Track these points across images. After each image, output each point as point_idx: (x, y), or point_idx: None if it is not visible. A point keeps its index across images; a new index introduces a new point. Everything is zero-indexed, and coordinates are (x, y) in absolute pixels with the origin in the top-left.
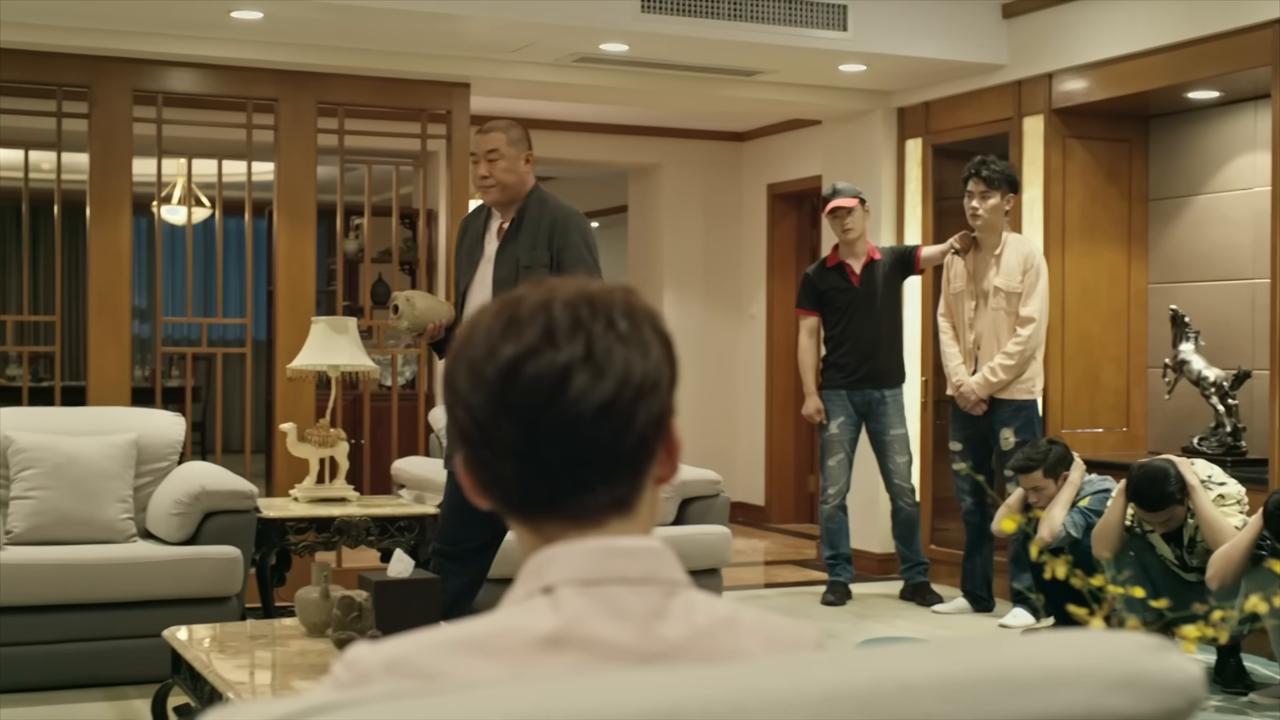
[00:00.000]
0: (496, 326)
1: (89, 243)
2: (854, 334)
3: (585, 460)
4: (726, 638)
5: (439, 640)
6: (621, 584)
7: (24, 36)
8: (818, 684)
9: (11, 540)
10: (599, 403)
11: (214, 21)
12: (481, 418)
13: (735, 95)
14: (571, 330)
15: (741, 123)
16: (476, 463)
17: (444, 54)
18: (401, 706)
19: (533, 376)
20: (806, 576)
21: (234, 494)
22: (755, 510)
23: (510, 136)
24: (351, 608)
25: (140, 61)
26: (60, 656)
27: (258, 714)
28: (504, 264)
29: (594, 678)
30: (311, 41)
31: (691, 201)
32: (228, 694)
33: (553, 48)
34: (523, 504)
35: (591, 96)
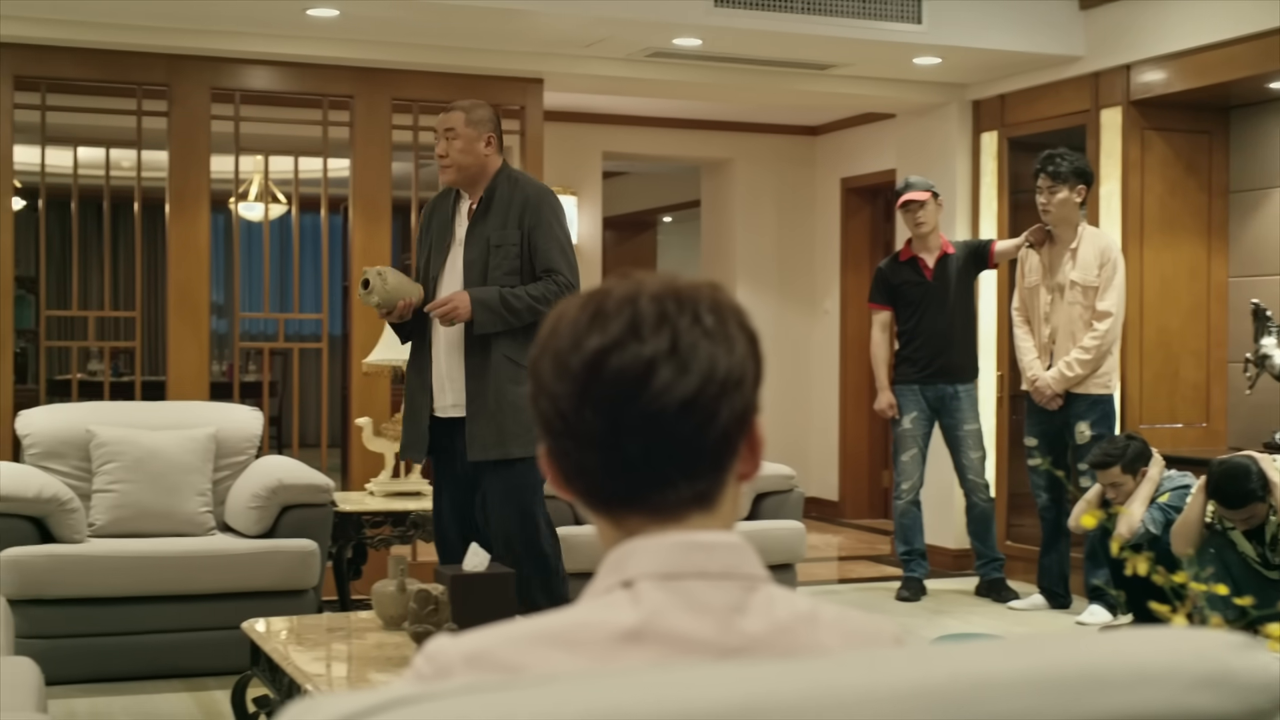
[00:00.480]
0: (582, 318)
1: (168, 239)
2: (926, 328)
3: (667, 454)
4: (806, 633)
5: (519, 633)
6: (701, 578)
7: (105, 36)
8: (897, 680)
9: (94, 532)
10: (682, 397)
11: (290, 19)
12: (565, 409)
13: (808, 89)
14: (657, 324)
15: (815, 116)
16: (559, 453)
17: (517, 49)
18: (482, 700)
19: (617, 369)
20: (881, 572)
21: (311, 488)
22: (829, 505)
23: (471, 116)
24: (428, 601)
25: (218, 60)
26: (141, 647)
27: (342, 706)
28: (474, 245)
29: (674, 672)
30: (386, 38)
31: (764, 196)
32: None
33: (626, 42)
34: (604, 497)
35: (664, 91)
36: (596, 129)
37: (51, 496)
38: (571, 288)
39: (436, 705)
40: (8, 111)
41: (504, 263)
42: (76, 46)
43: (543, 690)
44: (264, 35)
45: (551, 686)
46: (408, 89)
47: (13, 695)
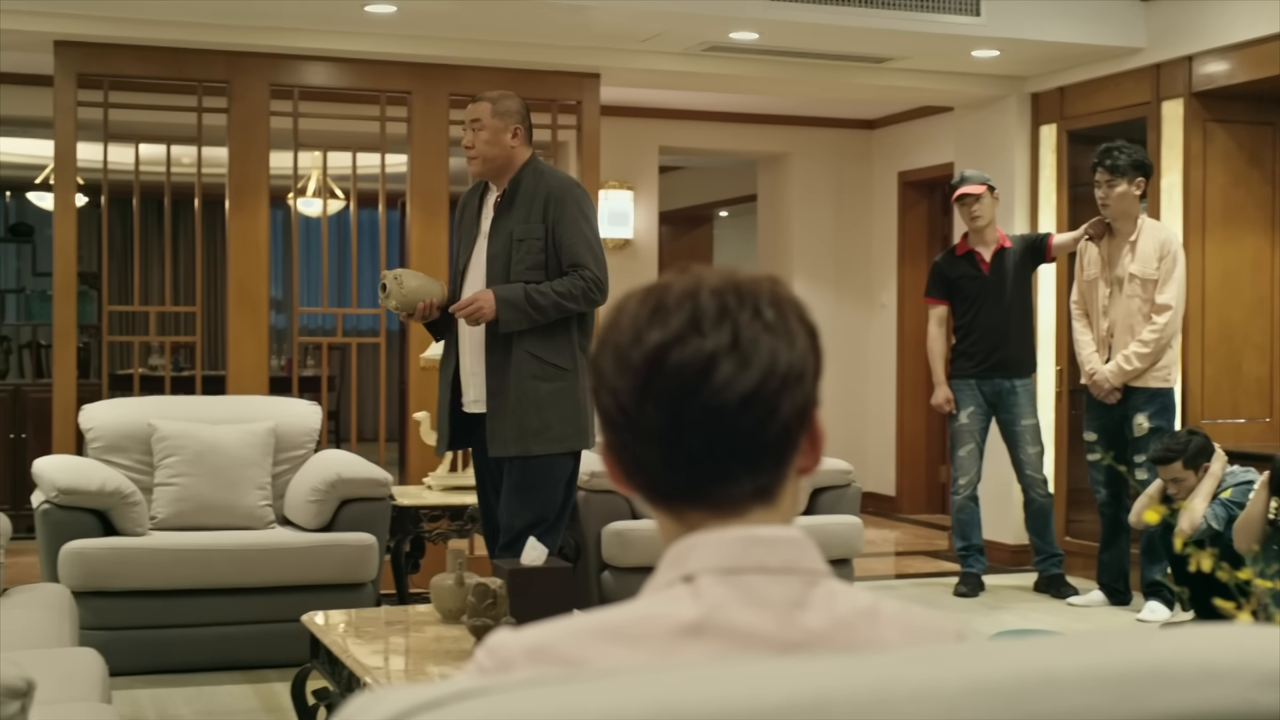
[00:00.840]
0: (643, 313)
1: (228, 235)
2: (983, 323)
3: (729, 449)
4: (867, 628)
5: (580, 628)
6: (762, 573)
7: (166, 34)
8: (962, 675)
9: (156, 525)
10: (744, 392)
11: (349, 16)
12: (626, 403)
13: (866, 82)
14: (718, 318)
15: (872, 110)
16: (620, 447)
17: (574, 45)
18: (545, 693)
19: (678, 364)
20: (938, 567)
21: (369, 482)
22: (886, 500)
23: (498, 107)
24: (486, 595)
25: (277, 56)
26: (202, 639)
27: (405, 699)
28: (497, 238)
29: (736, 666)
30: (443, 34)
31: (821, 190)
32: (365, 678)
33: (682, 37)
34: (665, 491)
35: (721, 85)
36: (653, 123)
37: (114, 490)
38: (598, 283)
39: (500, 699)
40: (71, 109)
41: (527, 257)
42: (138, 44)
43: (605, 684)
44: (322, 32)
45: (614, 680)
46: (465, 84)
47: (78, 686)
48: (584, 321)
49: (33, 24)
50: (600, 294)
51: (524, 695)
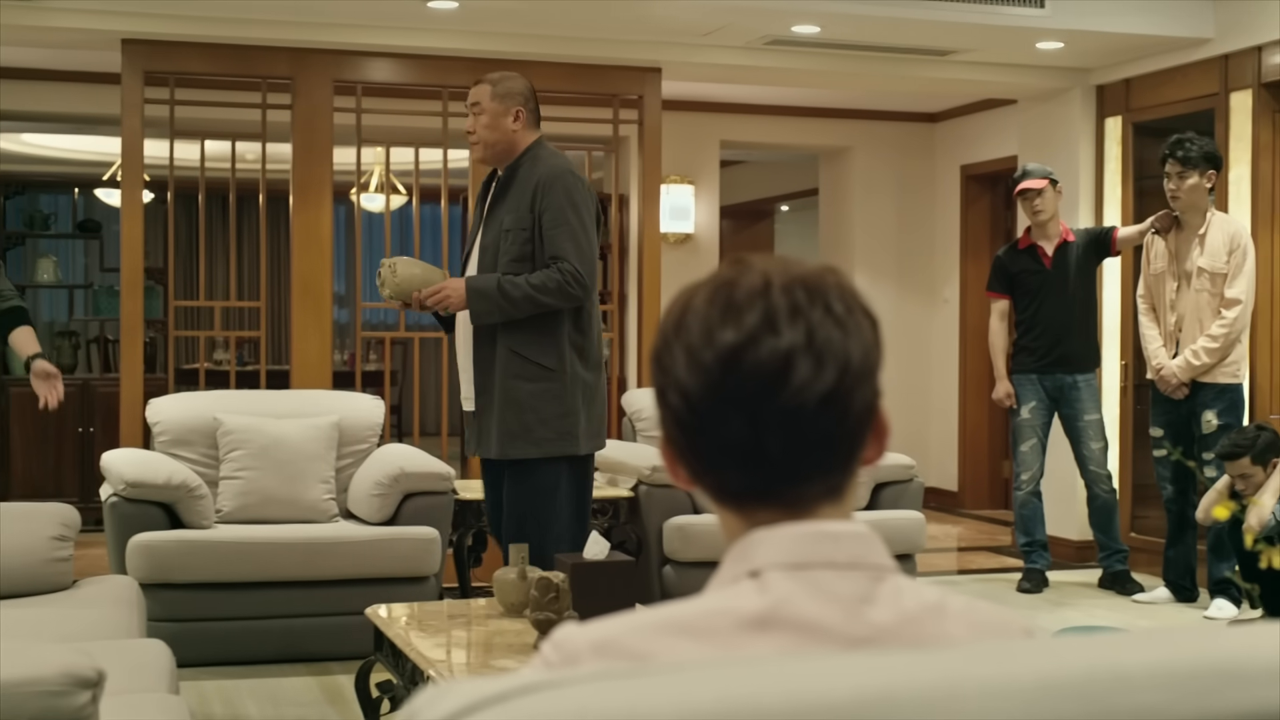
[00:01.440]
0: (713, 312)
1: (292, 230)
2: (1045, 317)
3: (807, 450)
4: (934, 624)
5: (646, 622)
6: (829, 568)
7: (231, 31)
8: (1031, 672)
9: (221, 519)
10: (822, 392)
11: (411, 12)
12: (699, 405)
13: (928, 75)
14: (791, 316)
15: (934, 103)
16: (687, 448)
17: (635, 39)
18: (612, 687)
19: (754, 365)
20: (1001, 563)
21: (432, 475)
22: (948, 495)
23: (498, 90)
24: (549, 589)
25: (340, 53)
26: (267, 631)
27: (473, 692)
28: (490, 228)
29: (804, 660)
30: (505, 29)
31: (883, 184)
32: (429, 671)
33: (744, 30)
34: (736, 491)
35: (782, 79)
36: (714, 117)
37: (180, 483)
38: (576, 277)
39: (567, 692)
40: (138, 106)
41: (513, 248)
42: (204, 42)
43: (672, 678)
44: (385, 28)
45: (681, 674)
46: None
47: (146, 677)
48: (578, 319)
49: (101, 23)
50: (579, 288)
51: (591, 689)
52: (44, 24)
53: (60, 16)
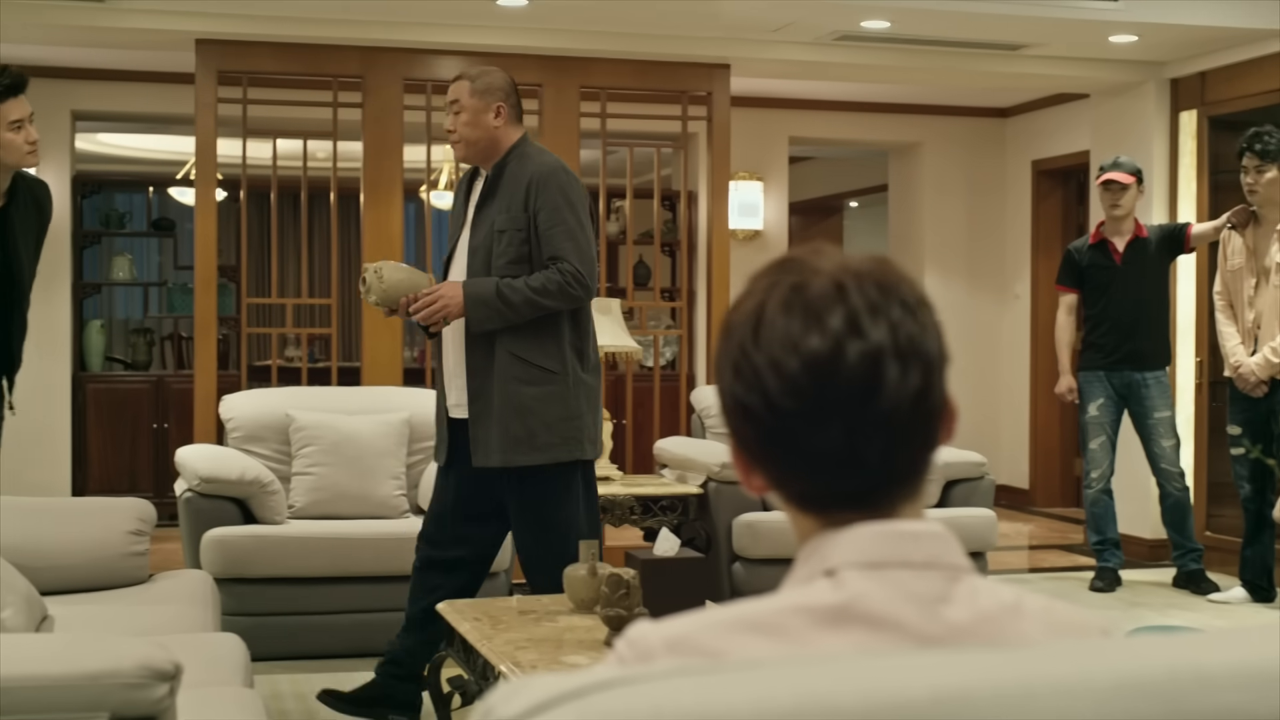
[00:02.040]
0: (794, 320)
1: (362, 228)
2: (1114, 313)
3: (899, 453)
4: (1010, 624)
5: (720, 619)
6: (905, 568)
7: (302, 31)
8: (1110, 671)
9: (294, 514)
10: (913, 393)
11: (480, 10)
12: (789, 415)
13: (999, 70)
14: (873, 316)
15: (1005, 98)
16: (769, 458)
17: (704, 35)
18: (687, 684)
19: (846, 371)
20: (1073, 562)
21: None
22: (1019, 493)
23: (477, 85)
24: (619, 585)
25: (410, 51)
26: (339, 626)
27: (547, 689)
28: (479, 229)
29: (879, 658)
30: (574, 27)
31: (953, 179)
32: (500, 667)
33: (813, 26)
34: (822, 495)
35: (851, 75)
36: (783, 114)
37: (253, 479)
38: (578, 277)
39: (642, 689)
40: (212, 106)
41: (508, 250)
42: (276, 41)
43: (748, 675)
44: (454, 26)
45: (757, 671)
46: (595, 77)
47: (222, 670)
48: (577, 320)
49: (175, 23)
50: (581, 289)
51: (666, 686)
52: (120, 25)
53: (135, 18)
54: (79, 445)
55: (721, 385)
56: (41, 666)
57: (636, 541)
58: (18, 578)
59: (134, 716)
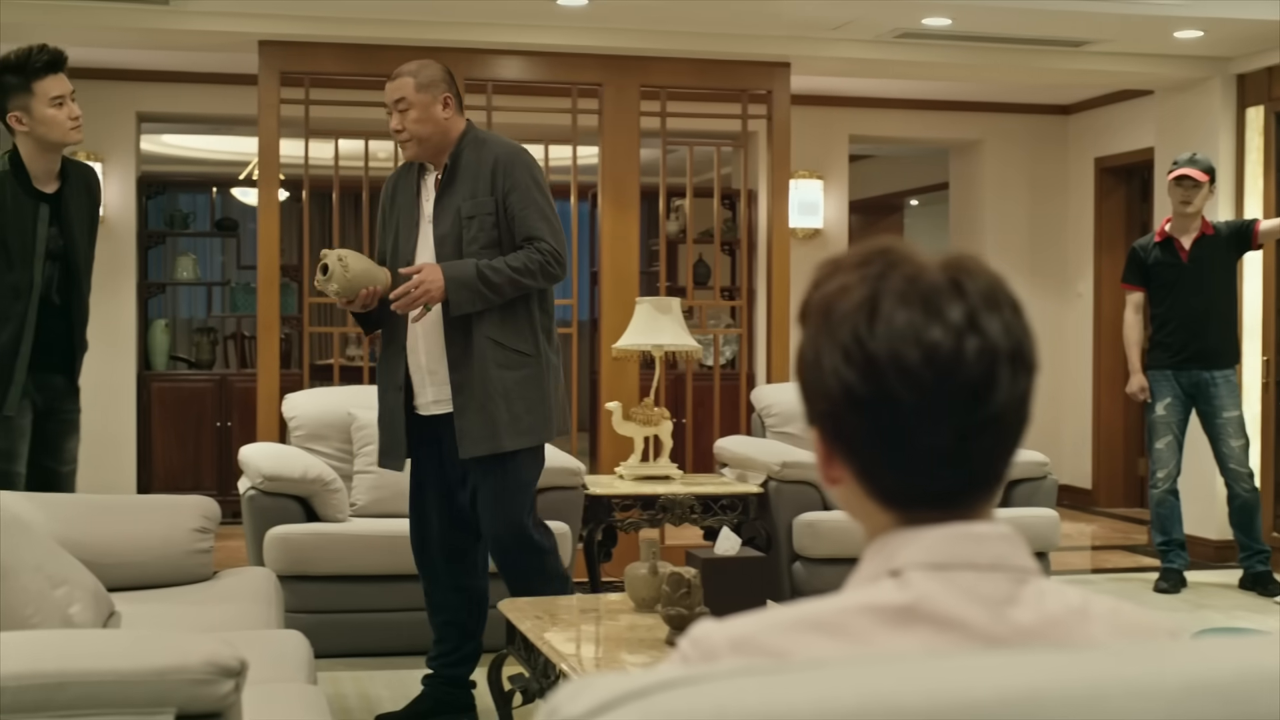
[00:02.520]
0: (915, 314)
1: None
2: (1181, 312)
3: (997, 456)
4: (1078, 626)
5: (784, 619)
6: (971, 569)
7: (362, 31)
8: (1180, 673)
9: (355, 512)
10: (1020, 396)
11: (540, 9)
12: (901, 405)
13: (1062, 66)
14: (989, 314)
15: (1067, 95)
16: (866, 449)
17: (764, 34)
18: (753, 684)
19: (967, 367)
20: (1137, 562)
21: (563, 471)
22: (1082, 493)
23: (420, 80)
24: (680, 584)
25: (470, 51)
26: (401, 624)
27: (612, 688)
28: (443, 218)
29: (946, 659)
30: (634, 26)
31: (1015, 177)
32: (561, 666)
33: (873, 24)
34: (912, 495)
35: (912, 72)
36: (843, 112)
37: (316, 477)
38: (557, 256)
39: (707, 688)
40: (275, 107)
41: (480, 235)
42: (337, 42)
43: (813, 675)
44: (514, 26)
45: (822, 671)
46: (655, 76)
47: (285, 667)
48: (544, 300)
49: (238, 25)
50: (559, 268)
51: (732, 685)
52: (184, 27)
53: (199, 20)
54: (144, 444)
55: (823, 373)
56: (110, 662)
57: (696, 540)
58: (85, 574)
59: (200, 712)
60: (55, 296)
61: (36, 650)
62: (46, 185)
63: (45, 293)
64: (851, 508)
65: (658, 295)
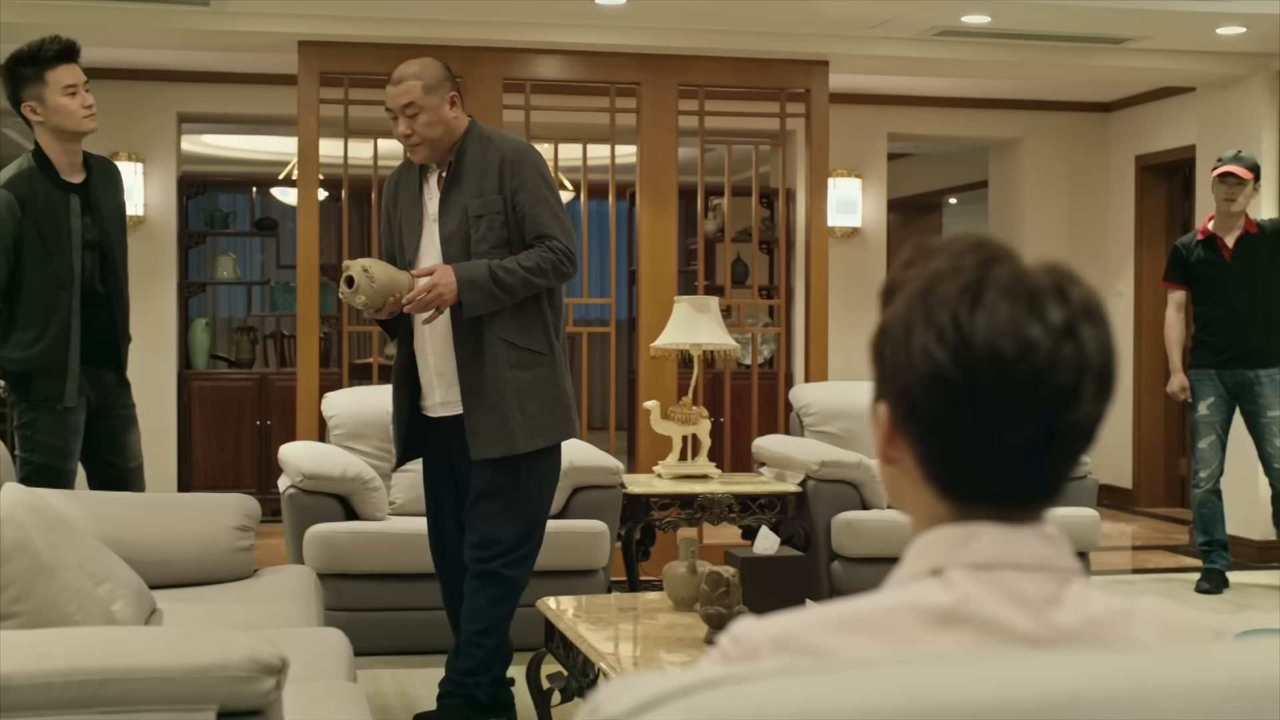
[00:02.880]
0: (1019, 309)
1: None
2: (1224, 311)
3: (1067, 463)
4: (1121, 628)
5: (826, 618)
6: (1014, 569)
7: (402, 31)
8: (1226, 674)
9: (395, 511)
10: (1100, 410)
11: (579, 9)
12: (988, 396)
13: (1102, 64)
14: (1087, 324)
15: (1108, 92)
16: (939, 433)
17: (803, 32)
18: (795, 683)
19: (1059, 371)
20: (1178, 563)
21: (601, 470)
22: (1123, 493)
23: (426, 81)
24: (719, 583)
25: (509, 50)
26: (439, 622)
27: (655, 686)
28: (450, 217)
29: (991, 659)
30: (672, 25)
31: (1055, 175)
32: (599, 664)
33: (912, 22)
34: (975, 489)
35: (952, 70)
36: (882, 110)
37: (355, 476)
38: (569, 254)
39: (750, 687)
40: (314, 107)
41: (489, 235)
42: (376, 42)
43: (856, 674)
44: (553, 25)
45: (865, 671)
46: (694, 74)
47: (326, 664)
48: (553, 299)
49: (279, 25)
50: (571, 266)
51: (775, 684)
52: (224, 28)
53: (239, 20)
54: (184, 442)
55: (910, 350)
56: (153, 659)
57: (734, 539)
58: (128, 572)
59: (242, 709)
60: (99, 286)
61: (81, 647)
62: (72, 176)
63: (88, 283)
64: (901, 494)
65: (696, 294)
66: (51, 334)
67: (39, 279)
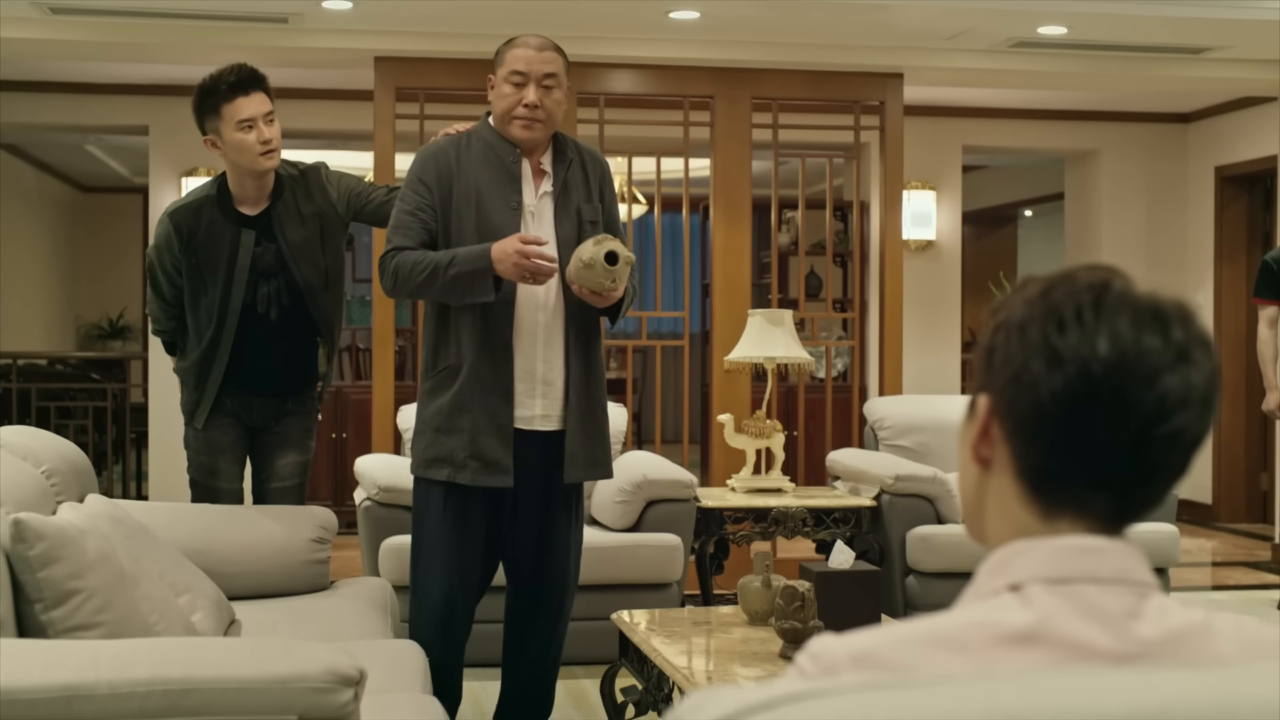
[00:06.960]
0: (1144, 314)
1: None
2: None
3: (1161, 486)
4: (1202, 642)
5: (905, 634)
6: (1093, 583)
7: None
8: None
9: None
10: (1196, 438)
11: (652, 22)
12: (1099, 389)
13: (1181, 74)
14: (1204, 352)
15: (1186, 103)
16: (1023, 426)
17: (877, 44)
18: (877, 697)
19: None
20: (1260, 579)
21: (675, 483)
22: (1202, 509)
23: (565, 60)
24: (794, 597)
25: (583, 65)
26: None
27: (737, 699)
28: (565, 220)
29: (1072, 675)
30: (746, 38)
31: (1132, 187)
32: (674, 678)
33: (988, 33)
34: (1068, 493)
35: (1027, 82)
36: (956, 122)
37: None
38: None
39: (831, 701)
40: (390, 122)
41: None
42: (451, 58)
43: (938, 690)
44: (627, 39)
45: (946, 686)
46: (767, 87)
47: (401, 676)
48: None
49: (355, 42)
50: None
51: (855, 699)
52: (302, 45)
53: (317, 37)
54: None
55: (1026, 341)
56: (233, 669)
57: (808, 553)
58: (207, 582)
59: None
60: (272, 314)
61: (164, 657)
62: (253, 207)
63: (263, 311)
64: (986, 496)
65: (769, 307)
66: (191, 359)
67: (197, 308)
